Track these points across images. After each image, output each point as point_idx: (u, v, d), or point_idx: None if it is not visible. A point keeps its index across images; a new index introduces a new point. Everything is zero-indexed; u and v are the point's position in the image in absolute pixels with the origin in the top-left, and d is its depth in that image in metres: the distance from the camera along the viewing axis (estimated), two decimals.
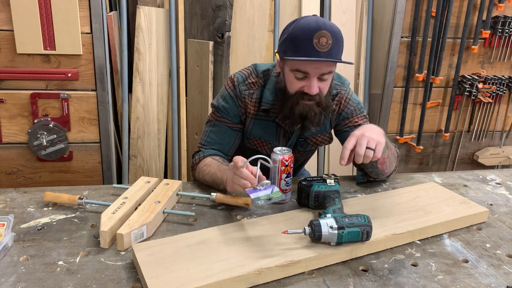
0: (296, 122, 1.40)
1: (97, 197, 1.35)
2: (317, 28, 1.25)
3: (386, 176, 1.49)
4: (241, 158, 1.18)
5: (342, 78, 1.52)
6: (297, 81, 1.32)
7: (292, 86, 1.34)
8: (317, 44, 1.24)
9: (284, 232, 1.05)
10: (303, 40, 1.25)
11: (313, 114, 1.36)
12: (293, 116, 1.38)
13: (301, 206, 1.29)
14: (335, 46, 1.26)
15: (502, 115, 2.55)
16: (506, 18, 2.29)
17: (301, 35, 1.26)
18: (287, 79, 1.35)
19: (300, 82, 1.32)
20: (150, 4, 2.18)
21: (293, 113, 1.37)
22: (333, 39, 1.25)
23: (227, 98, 1.47)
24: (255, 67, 1.50)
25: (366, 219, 1.09)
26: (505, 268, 1.08)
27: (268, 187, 1.17)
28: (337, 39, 1.27)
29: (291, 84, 1.34)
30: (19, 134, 1.93)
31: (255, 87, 1.46)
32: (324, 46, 1.24)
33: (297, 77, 1.31)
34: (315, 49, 1.24)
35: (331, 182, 1.26)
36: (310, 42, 1.24)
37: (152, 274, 0.94)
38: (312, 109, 1.35)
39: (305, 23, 1.27)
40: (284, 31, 1.34)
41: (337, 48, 1.27)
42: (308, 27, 1.26)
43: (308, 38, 1.24)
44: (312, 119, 1.37)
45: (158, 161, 2.33)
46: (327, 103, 1.38)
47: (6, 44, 1.81)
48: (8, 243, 1.07)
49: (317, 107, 1.35)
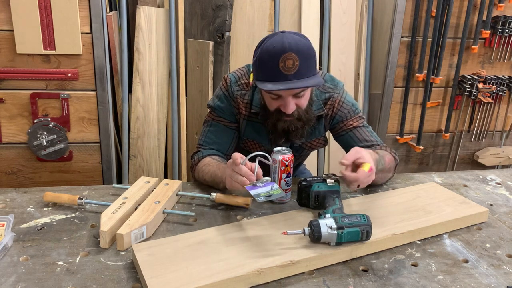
0: (280, 137, 1.41)
1: (97, 197, 1.35)
2: (282, 51, 1.22)
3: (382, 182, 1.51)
4: (239, 155, 1.18)
5: (335, 81, 1.51)
6: (273, 101, 1.34)
7: (270, 105, 1.36)
8: (283, 68, 1.23)
9: (284, 233, 1.05)
10: (269, 65, 1.24)
11: (295, 129, 1.37)
12: (276, 132, 1.39)
13: (301, 206, 1.29)
14: (303, 66, 1.24)
15: (502, 115, 2.55)
16: (506, 18, 2.29)
17: (267, 59, 1.25)
18: (264, 98, 1.37)
19: (276, 102, 1.33)
20: (150, 4, 2.18)
21: (276, 129, 1.38)
22: (300, 59, 1.23)
23: (222, 97, 1.48)
24: (249, 68, 1.50)
25: (366, 219, 1.09)
26: (505, 268, 1.08)
27: (267, 184, 1.18)
28: (304, 57, 1.25)
29: (268, 103, 1.36)
30: (19, 134, 1.93)
31: (247, 88, 1.46)
32: (291, 68, 1.23)
33: (272, 98, 1.33)
34: (282, 73, 1.23)
35: (331, 182, 1.26)
36: (276, 66, 1.23)
37: (152, 274, 0.94)
38: (294, 124, 1.36)
39: (270, 46, 1.25)
40: (255, 51, 1.33)
41: (305, 66, 1.25)
42: (273, 50, 1.24)
43: (274, 62, 1.23)
44: (295, 133, 1.39)
45: (158, 161, 2.33)
46: (308, 117, 1.39)
47: (6, 44, 1.81)
48: (8, 243, 1.07)
49: (298, 121, 1.36)
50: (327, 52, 2.37)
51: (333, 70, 2.38)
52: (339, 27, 2.35)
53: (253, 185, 1.16)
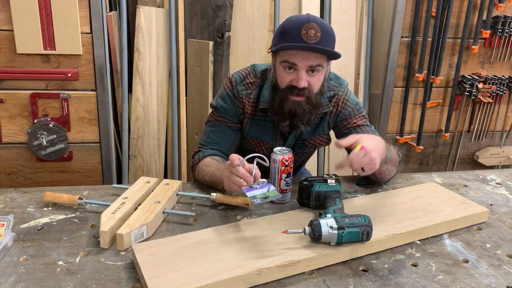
0: (284, 119, 1.39)
1: (97, 197, 1.35)
2: (307, 20, 1.27)
3: (386, 180, 1.51)
4: (237, 156, 1.18)
5: (340, 79, 1.52)
6: (286, 74, 1.33)
7: (282, 80, 1.35)
8: (305, 35, 1.25)
9: (284, 232, 1.05)
10: (292, 31, 1.27)
11: (302, 112, 1.36)
12: (282, 112, 1.38)
13: (302, 206, 1.29)
14: (324, 39, 1.27)
15: (502, 115, 2.55)
16: (506, 18, 2.29)
17: (290, 27, 1.29)
18: (277, 73, 1.37)
19: (289, 75, 1.33)
20: (150, 4, 2.18)
21: (282, 109, 1.37)
22: (322, 32, 1.26)
23: (226, 98, 1.48)
24: (254, 67, 1.50)
25: (366, 219, 1.09)
26: (505, 268, 1.08)
27: (264, 186, 1.17)
28: (326, 32, 1.28)
29: (281, 77, 1.35)
30: (19, 134, 1.93)
31: (253, 87, 1.46)
32: (312, 37, 1.25)
33: (286, 70, 1.32)
34: (303, 40, 1.26)
35: (332, 182, 1.26)
36: (298, 33, 1.26)
37: (152, 274, 0.94)
38: (301, 106, 1.35)
39: (295, 17, 1.31)
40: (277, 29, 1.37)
41: (326, 41, 1.28)
42: (298, 19, 1.29)
43: (296, 29, 1.26)
44: (301, 116, 1.37)
45: (158, 161, 2.33)
46: (317, 101, 1.38)
47: (6, 44, 1.81)
48: (8, 243, 1.07)
49: (307, 104, 1.35)
50: None
51: (333, 70, 2.37)
52: (339, 27, 2.35)
53: (250, 187, 1.16)
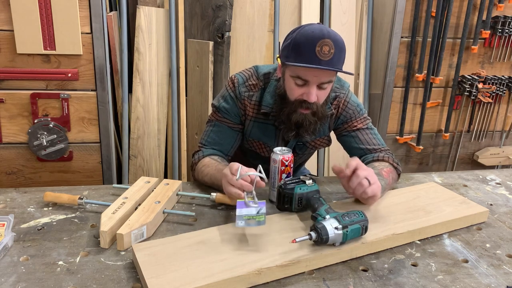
0: (291, 129, 1.40)
1: (97, 197, 1.35)
2: (321, 36, 1.24)
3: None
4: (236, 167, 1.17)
5: (341, 81, 1.52)
6: (296, 88, 1.32)
7: (292, 93, 1.34)
8: (319, 52, 1.23)
9: (293, 241, 1.02)
10: (306, 47, 1.25)
11: (308, 124, 1.37)
12: (289, 123, 1.38)
13: (282, 211, 1.26)
14: (336, 56, 1.25)
15: (502, 115, 2.55)
16: (506, 18, 2.29)
17: (304, 42, 1.25)
18: (287, 85, 1.35)
19: (300, 89, 1.32)
20: (150, 4, 2.18)
21: (290, 120, 1.37)
22: (336, 49, 1.25)
23: (228, 98, 1.47)
24: (256, 69, 1.49)
25: (362, 215, 1.09)
26: (505, 268, 1.08)
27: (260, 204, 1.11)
28: (340, 48, 1.26)
29: (291, 90, 1.34)
30: (19, 134, 1.93)
31: (255, 89, 1.46)
32: (326, 54, 1.24)
33: (297, 84, 1.31)
34: (317, 57, 1.24)
35: (310, 182, 1.24)
36: (312, 50, 1.24)
37: (152, 274, 0.94)
38: (308, 119, 1.35)
39: (309, 30, 1.26)
40: (287, 36, 1.33)
41: (338, 57, 1.27)
42: (312, 34, 1.25)
43: (311, 46, 1.24)
44: (307, 128, 1.38)
45: (158, 161, 2.33)
46: (323, 113, 1.39)
47: (6, 44, 1.81)
48: (8, 243, 1.07)
49: (313, 116, 1.36)
50: None
51: None
52: (339, 27, 2.35)
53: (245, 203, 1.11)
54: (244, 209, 1.10)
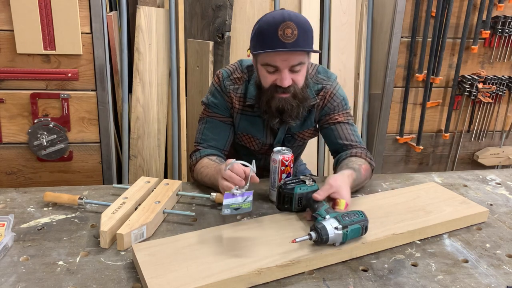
0: (274, 116, 1.40)
1: (97, 197, 1.35)
2: (282, 19, 1.25)
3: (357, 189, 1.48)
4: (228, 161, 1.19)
5: (328, 73, 1.52)
6: (269, 75, 1.33)
7: (265, 80, 1.35)
8: (283, 36, 1.24)
9: (293, 241, 1.02)
10: (269, 33, 1.26)
11: (290, 107, 1.36)
12: (270, 110, 1.38)
13: (282, 211, 1.26)
14: (301, 36, 1.26)
15: (502, 115, 2.55)
16: (506, 18, 2.29)
17: (267, 28, 1.27)
18: (260, 74, 1.36)
19: (272, 76, 1.33)
20: (150, 4, 2.18)
21: (270, 107, 1.37)
22: (299, 30, 1.25)
23: (215, 93, 1.49)
24: (241, 62, 1.51)
25: (362, 214, 1.09)
26: (505, 268, 1.08)
27: (246, 194, 1.13)
28: (304, 29, 1.27)
29: (264, 78, 1.35)
30: (19, 134, 1.93)
31: (240, 82, 1.47)
32: (289, 37, 1.25)
33: (268, 71, 1.32)
34: (281, 41, 1.25)
35: (310, 182, 1.24)
36: (275, 34, 1.25)
37: (152, 274, 0.94)
38: (289, 102, 1.35)
39: (270, 16, 1.29)
40: (253, 27, 1.35)
41: (304, 38, 1.27)
42: (273, 20, 1.27)
43: (273, 31, 1.25)
44: (290, 112, 1.38)
45: (158, 161, 2.33)
46: (304, 95, 1.38)
47: (6, 44, 1.81)
48: (8, 243, 1.07)
49: (294, 99, 1.36)
50: (327, 52, 2.37)
51: (333, 70, 2.38)
52: (339, 27, 2.35)
53: (233, 194, 1.12)
54: (231, 199, 1.11)
